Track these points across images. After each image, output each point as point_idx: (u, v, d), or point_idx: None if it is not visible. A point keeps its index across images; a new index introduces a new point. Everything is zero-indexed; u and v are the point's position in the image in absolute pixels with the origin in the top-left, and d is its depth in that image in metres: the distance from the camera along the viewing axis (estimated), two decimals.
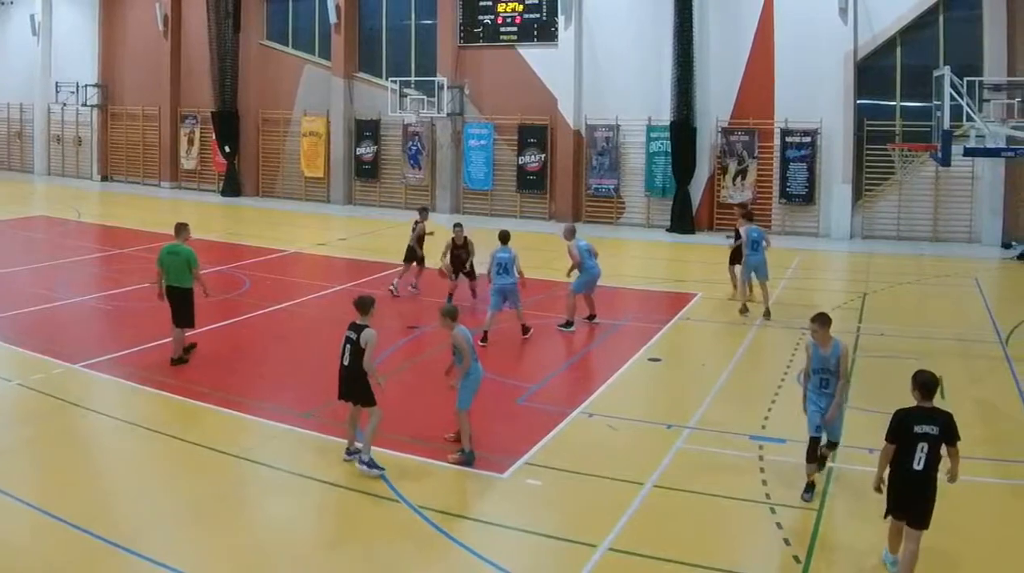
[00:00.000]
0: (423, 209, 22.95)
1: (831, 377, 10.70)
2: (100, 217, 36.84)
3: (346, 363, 11.34)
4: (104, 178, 49.28)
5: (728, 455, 12.11)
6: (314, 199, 41.67)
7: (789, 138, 32.33)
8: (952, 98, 18.24)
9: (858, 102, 31.64)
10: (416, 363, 16.55)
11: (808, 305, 21.24)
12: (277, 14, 43.41)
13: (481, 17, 37.67)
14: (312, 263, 27.18)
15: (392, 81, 38.34)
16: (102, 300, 21.11)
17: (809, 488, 10.68)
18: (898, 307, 21.60)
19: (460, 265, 20.50)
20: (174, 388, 14.42)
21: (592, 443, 12.62)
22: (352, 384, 11.37)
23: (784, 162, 32.53)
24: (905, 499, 8.60)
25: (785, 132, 32.41)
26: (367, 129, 40.50)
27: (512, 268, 17.99)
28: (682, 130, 33.01)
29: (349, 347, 11.30)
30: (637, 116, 34.54)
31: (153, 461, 11.89)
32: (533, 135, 36.60)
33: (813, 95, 31.70)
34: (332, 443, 12.06)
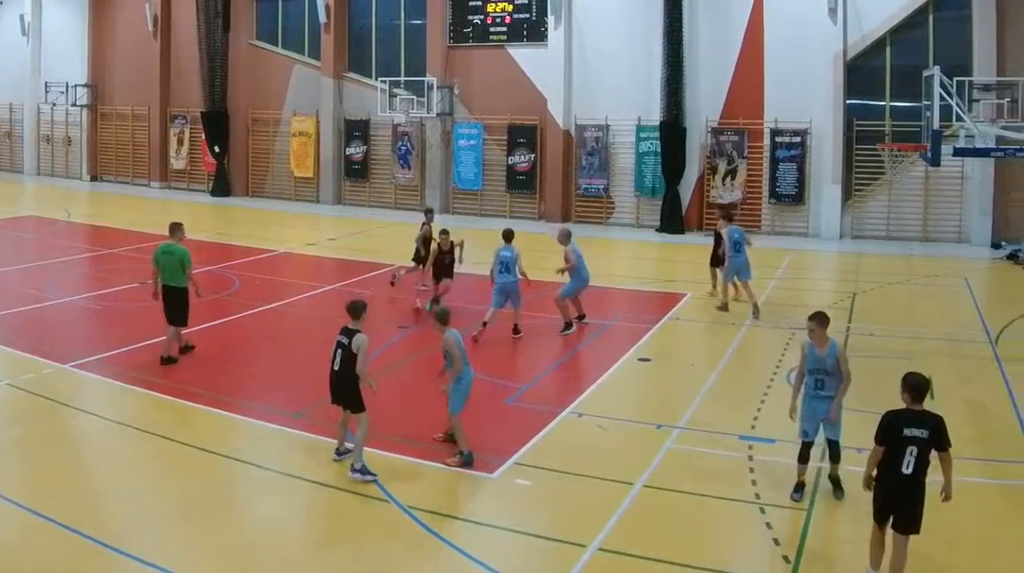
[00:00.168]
0: (429, 210, 23.07)
1: (827, 378, 10.57)
2: (89, 217, 36.76)
3: (337, 368, 11.28)
4: (94, 178, 49.13)
5: (718, 455, 12.12)
6: (303, 199, 41.60)
7: (779, 138, 32.39)
8: (942, 98, 18.30)
9: (848, 102, 31.72)
10: (407, 363, 16.51)
11: (798, 305, 21.31)
12: (267, 14, 43.34)
13: (471, 17, 37.66)
14: (301, 263, 27.13)
15: (382, 81, 38.31)
16: (91, 300, 21.05)
17: (798, 488, 10.68)
18: (888, 307, 21.64)
19: (445, 270, 20.09)
20: (164, 388, 14.39)
21: (582, 443, 12.62)
22: (343, 389, 11.32)
23: (774, 162, 32.59)
24: (893, 503, 8.51)
25: (775, 132, 32.46)
26: (356, 129, 40.46)
27: (514, 267, 18.08)
28: (672, 130, 33.02)
29: (340, 352, 11.23)
30: (627, 116, 34.56)
31: (142, 461, 11.86)
32: (523, 135, 36.59)
33: (803, 95, 31.74)
34: (322, 443, 12.05)
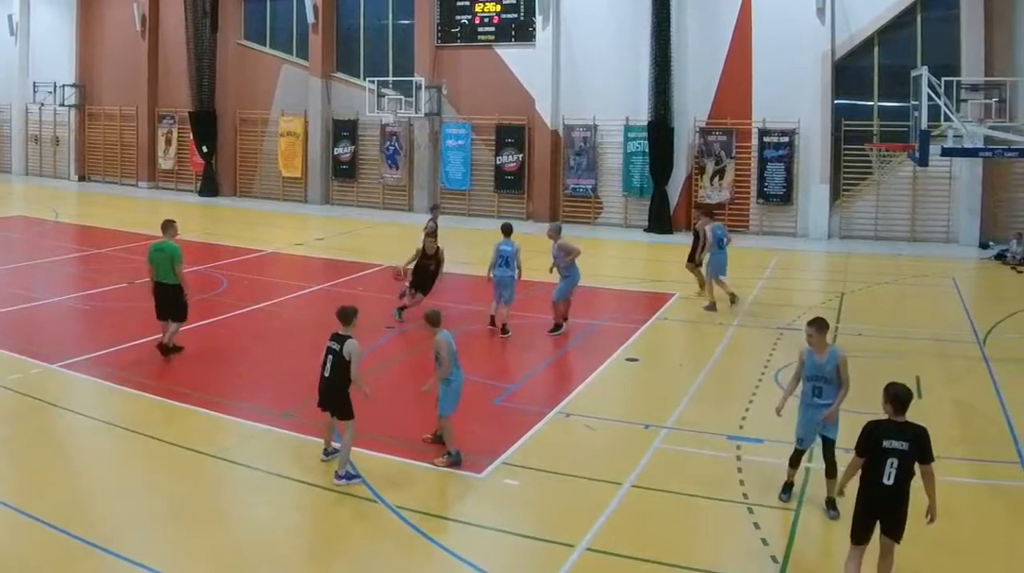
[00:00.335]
0: (434, 206, 23.29)
1: (825, 386, 10.35)
2: (78, 217, 36.65)
3: (327, 374, 11.10)
4: (82, 178, 48.93)
5: (706, 455, 12.13)
6: (291, 199, 41.50)
7: (767, 138, 32.46)
8: (930, 98, 18.33)
9: (836, 102, 31.79)
10: (395, 364, 16.48)
11: (786, 305, 21.39)
12: (255, 14, 43.24)
13: (459, 17, 37.64)
14: (289, 263, 27.07)
15: (370, 81, 38.24)
16: (80, 300, 20.97)
17: (787, 488, 10.67)
18: (876, 307, 21.68)
19: (427, 278, 19.04)
20: (152, 388, 14.34)
21: (570, 443, 12.62)
22: (333, 396, 11.14)
23: (762, 162, 32.66)
24: (876, 512, 8.26)
25: (763, 132, 32.53)
26: (345, 129, 40.40)
27: (513, 261, 18.21)
28: (660, 130, 33.04)
29: (331, 358, 11.05)
30: (615, 116, 34.59)
31: (131, 461, 11.83)
32: (511, 135, 36.59)
33: (791, 95, 31.81)
34: (310, 443, 12.01)
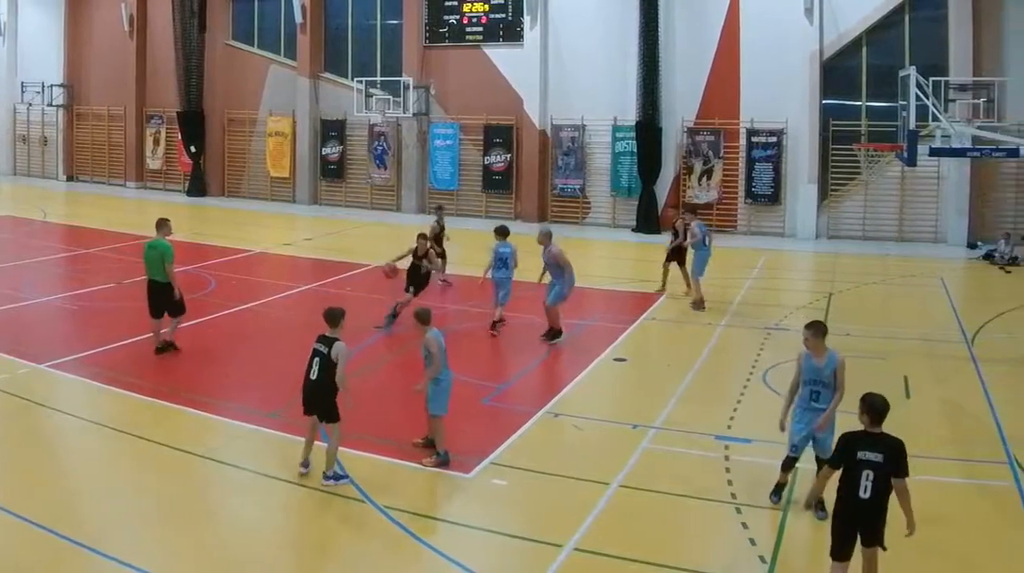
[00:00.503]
0: (439, 207, 23.57)
1: (823, 390, 10.18)
2: (66, 217, 36.57)
3: (314, 377, 10.90)
4: (70, 178, 48.81)
5: (694, 455, 12.10)
6: (279, 199, 41.45)
7: (755, 138, 32.51)
8: (918, 98, 18.31)
9: (824, 102, 31.86)
10: (384, 364, 16.42)
11: (774, 305, 21.41)
12: (243, 14, 43.17)
13: (447, 17, 37.63)
14: (277, 263, 27.02)
15: (358, 81, 38.18)
16: (68, 300, 20.89)
17: (777, 490, 10.53)
18: (864, 307, 21.71)
19: (419, 279, 18.84)
20: (140, 388, 14.27)
21: (558, 443, 12.61)
22: (319, 399, 10.93)
23: (750, 162, 32.71)
24: (854, 526, 8.03)
25: (751, 132, 32.59)
26: (333, 129, 40.35)
27: (511, 262, 18.28)
28: (648, 130, 33.08)
29: (318, 361, 10.86)
30: (603, 116, 34.61)
31: (118, 461, 11.79)
32: (499, 135, 36.60)
33: (779, 95, 31.85)
34: (298, 443, 11.83)
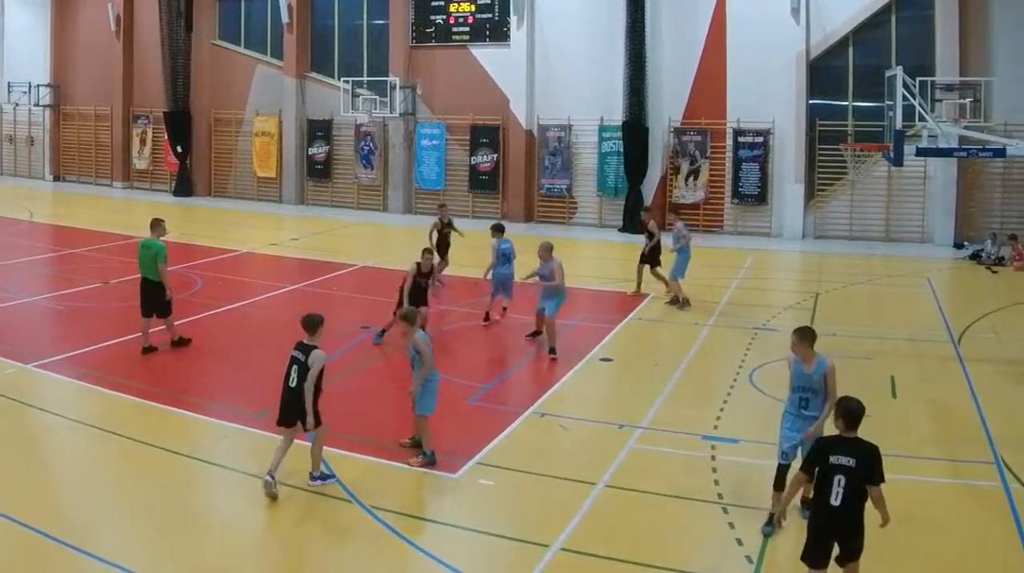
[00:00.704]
0: (442, 205, 23.80)
1: (812, 396, 9.93)
2: (52, 217, 36.44)
3: (292, 385, 10.72)
4: (56, 178, 48.59)
5: (680, 455, 12.10)
6: (266, 199, 41.33)
7: (741, 138, 32.53)
8: (904, 98, 18.32)
9: (810, 102, 31.89)
10: (370, 364, 16.38)
11: (761, 305, 21.43)
12: (229, 14, 43.03)
13: (433, 17, 37.55)
14: (264, 263, 26.95)
15: (344, 81, 38.09)
16: (55, 300, 20.81)
17: (771, 521, 9.85)
18: (850, 307, 21.74)
19: (419, 298, 16.69)
20: (127, 388, 14.24)
21: (544, 443, 12.60)
22: (298, 406, 10.68)
23: (736, 162, 32.73)
24: (829, 535, 7.89)
25: (737, 132, 32.61)
26: (319, 129, 40.25)
27: (512, 257, 18.54)
28: (634, 130, 33.07)
29: (296, 368, 10.69)
30: (589, 116, 34.60)
31: (105, 461, 11.76)
32: (485, 135, 36.54)
33: (765, 95, 31.85)
34: None
